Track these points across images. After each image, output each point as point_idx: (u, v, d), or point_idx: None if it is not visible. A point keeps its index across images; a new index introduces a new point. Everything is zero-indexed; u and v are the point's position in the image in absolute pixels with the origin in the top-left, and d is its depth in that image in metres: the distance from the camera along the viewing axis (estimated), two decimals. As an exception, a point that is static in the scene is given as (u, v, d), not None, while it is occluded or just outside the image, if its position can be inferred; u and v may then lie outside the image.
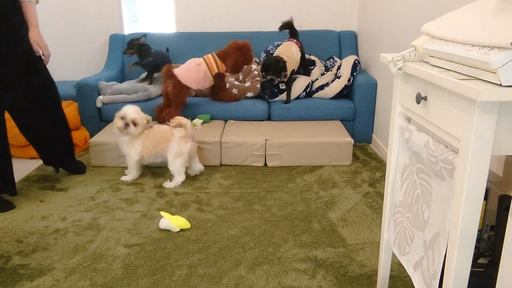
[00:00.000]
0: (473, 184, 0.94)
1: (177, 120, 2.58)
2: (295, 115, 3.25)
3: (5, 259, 1.88)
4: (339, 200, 2.40)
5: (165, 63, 3.36)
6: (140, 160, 2.66)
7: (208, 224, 2.16)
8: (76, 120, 3.28)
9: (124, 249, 1.95)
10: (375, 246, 1.95)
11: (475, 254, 1.36)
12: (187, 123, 2.59)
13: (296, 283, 1.70)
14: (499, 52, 0.86)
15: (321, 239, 2.01)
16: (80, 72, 4.11)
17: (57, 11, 3.93)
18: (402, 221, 1.33)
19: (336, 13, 3.89)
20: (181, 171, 2.59)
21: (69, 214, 2.28)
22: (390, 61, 1.21)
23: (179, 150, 2.55)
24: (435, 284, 1.11)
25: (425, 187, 1.18)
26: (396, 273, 1.75)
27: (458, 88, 0.92)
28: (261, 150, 2.86)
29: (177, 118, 2.60)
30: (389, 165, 1.41)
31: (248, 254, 1.90)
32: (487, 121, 0.90)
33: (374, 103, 3.24)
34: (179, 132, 2.58)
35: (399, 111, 1.33)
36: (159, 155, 2.64)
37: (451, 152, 1.03)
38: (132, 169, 2.67)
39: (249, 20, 3.92)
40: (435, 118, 1.08)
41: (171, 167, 2.59)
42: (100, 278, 1.75)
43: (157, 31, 3.88)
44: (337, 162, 2.89)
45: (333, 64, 3.52)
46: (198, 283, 1.71)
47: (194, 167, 2.71)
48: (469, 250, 1.00)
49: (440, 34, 1.11)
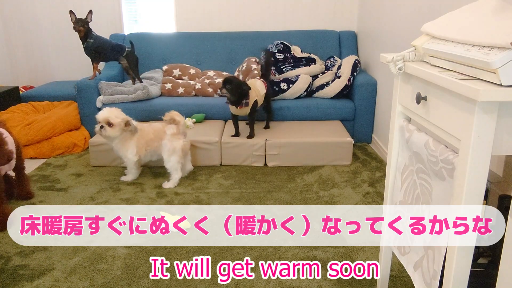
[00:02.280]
0: (473, 184, 0.94)
1: (171, 114, 2.57)
2: (295, 115, 3.25)
3: (5, 259, 1.88)
4: (339, 200, 2.39)
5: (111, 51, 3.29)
6: (138, 160, 2.64)
7: (208, 224, 2.16)
8: (76, 120, 3.29)
9: (124, 249, 1.95)
10: (375, 246, 1.95)
11: (475, 254, 1.36)
12: (180, 120, 2.58)
13: (296, 283, 1.70)
14: (499, 52, 0.86)
15: (321, 239, 2.01)
16: (80, 72, 4.11)
17: (57, 11, 3.93)
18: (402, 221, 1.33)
19: (336, 13, 3.89)
20: (177, 168, 2.59)
21: (69, 214, 2.27)
22: (390, 61, 1.20)
23: (172, 147, 2.55)
24: (435, 284, 1.11)
25: (425, 187, 1.18)
26: (396, 273, 1.75)
27: (458, 88, 0.91)
28: (261, 150, 2.86)
29: (172, 112, 2.58)
30: (389, 165, 1.40)
31: (248, 254, 1.90)
32: (487, 121, 0.90)
33: (374, 103, 3.24)
34: (170, 129, 2.57)
35: (399, 111, 1.33)
36: (154, 153, 2.64)
37: (451, 152, 1.03)
38: (131, 169, 2.67)
39: (249, 20, 3.92)
40: (435, 118, 1.08)
41: (167, 165, 2.59)
42: (100, 278, 1.75)
43: (157, 31, 3.87)
44: (337, 162, 2.89)
45: (333, 64, 3.52)
46: (198, 283, 1.71)
47: (185, 166, 2.70)
48: (469, 250, 0.99)
49: (440, 34, 1.10)
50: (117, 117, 2.46)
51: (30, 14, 3.94)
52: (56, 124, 3.13)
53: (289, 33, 3.77)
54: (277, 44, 3.61)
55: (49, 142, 3.10)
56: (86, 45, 3.23)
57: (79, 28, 3.14)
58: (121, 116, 2.49)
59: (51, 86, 3.76)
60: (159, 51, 3.77)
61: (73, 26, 3.16)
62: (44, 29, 3.97)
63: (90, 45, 3.23)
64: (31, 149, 3.05)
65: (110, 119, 2.45)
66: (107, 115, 2.45)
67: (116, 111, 2.49)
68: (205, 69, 3.76)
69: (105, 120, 2.45)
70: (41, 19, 3.95)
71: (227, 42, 3.78)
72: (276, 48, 3.59)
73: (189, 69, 3.64)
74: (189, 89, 3.45)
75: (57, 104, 3.45)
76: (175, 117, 2.57)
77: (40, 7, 3.89)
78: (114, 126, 2.46)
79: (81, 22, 3.15)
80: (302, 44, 3.74)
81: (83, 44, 3.23)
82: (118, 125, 2.47)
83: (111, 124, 2.45)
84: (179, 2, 3.87)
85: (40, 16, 3.94)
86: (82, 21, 3.16)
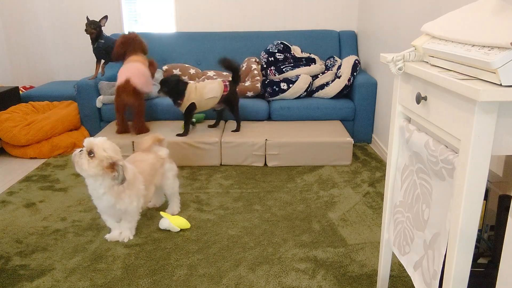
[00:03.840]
0: (473, 184, 0.94)
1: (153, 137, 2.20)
2: (295, 115, 3.25)
3: (4, 259, 1.88)
4: (339, 200, 2.40)
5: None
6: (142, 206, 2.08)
7: (208, 224, 2.16)
8: (76, 120, 3.29)
9: (124, 249, 1.94)
10: (375, 246, 1.95)
11: (475, 254, 1.36)
12: (163, 137, 2.27)
13: (296, 283, 1.70)
14: (499, 52, 0.86)
15: (321, 239, 2.01)
16: (80, 72, 4.11)
17: (57, 11, 3.93)
18: (402, 221, 1.33)
19: (336, 13, 3.89)
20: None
21: (68, 214, 2.27)
22: (390, 61, 1.20)
23: (175, 167, 2.26)
24: (435, 284, 1.11)
25: (425, 187, 1.18)
26: (396, 273, 1.75)
27: (458, 88, 0.91)
28: (261, 150, 2.86)
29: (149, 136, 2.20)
30: (389, 165, 1.40)
31: (248, 254, 1.90)
32: (487, 121, 0.90)
33: (374, 103, 3.24)
34: (162, 150, 2.21)
35: (399, 111, 1.33)
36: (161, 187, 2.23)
37: (451, 152, 1.03)
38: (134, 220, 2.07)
39: (249, 20, 3.92)
40: (435, 118, 1.08)
41: (173, 190, 2.24)
42: (100, 278, 1.75)
43: (157, 31, 3.88)
44: (337, 162, 2.89)
45: (333, 64, 3.52)
46: (198, 283, 1.71)
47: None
48: (469, 250, 0.99)
49: (440, 34, 1.10)
50: (105, 150, 1.81)
51: (30, 14, 3.94)
52: (56, 124, 3.13)
53: (289, 33, 3.77)
54: (277, 44, 3.61)
55: (49, 142, 3.10)
56: (97, 45, 3.27)
57: (91, 31, 3.19)
58: (111, 153, 1.82)
59: (51, 86, 3.76)
60: (159, 51, 3.77)
61: (85, 28, 3.19)
62: (44, 29, 3.97)
63: (101, 45, 3.27)
64: (31, 149, 3.05)
65: (94, 148, 1.80)
66: (94, 143, 1.81)
67: (110, 145, 1.85)
68: (205, 69, 3.76)
69: (89, 146, 1.81)
70: (41, 19, 3.95)
71: (227, 42, 3.78)
72: (276, 48, 3.59)
73: (189, 69, 3.64)
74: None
75: (57, 104, 3.45)
76: (158, 136, 2.22)
77: (40, 7, 3.89)
78: (93, 158, 1.80)
79: (93, 25, 3.20)
80: (302, 44, 3.74)
81: (94, 44, 3.27)
82: (99, 160, 1.80)
83: (92, 154, 1.80)
84: (179, 2, 3.87)
85: (40, 16, 3.94)
86: (94, 24, 3.21)
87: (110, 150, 1.84)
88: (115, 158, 1.83)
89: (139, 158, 2.10)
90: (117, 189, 1.88)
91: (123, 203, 1.91)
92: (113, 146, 1.87)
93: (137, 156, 2.11)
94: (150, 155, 2.13)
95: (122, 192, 1.90)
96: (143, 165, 2.06)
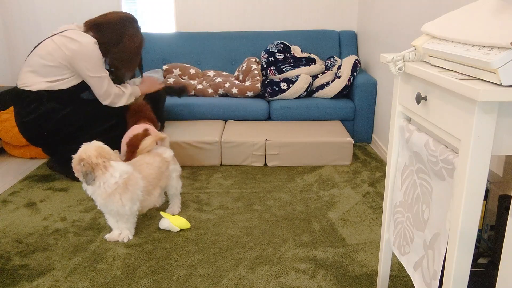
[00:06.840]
0: (473, 184, 0.94)
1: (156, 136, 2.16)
2: (295, 115, 3.25)
3: (4, 259, 1.88)
4: (339, 200, 2.40)
5: None
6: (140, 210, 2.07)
7: (208, 224, 2.16)
8: (76, 120, 3.28)
9: (124, 249, 1.95)
10: (375, 246, 1.95)
11: (475, 254, 1.36)
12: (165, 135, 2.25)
13: (296, 283, 1.70)
14: (499, 52, 0.86)
15: (321, 239, 2.01)
16: (80, 72, 4.11)
17: (57, 11, 3.93)
18: (402, 221, 1.33)
19: (336, 13, 3.89)
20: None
21: (69, 214, 2.28)
22: (390, 61, 1.21)
23: (179, 167, 2.25)
24: (435, 284, 1.11)
25: (425, 187, 1.18)
26: (396, 273, 1.75)
27: (458, 88, 0.91)
28: (261, 150, 2.86)
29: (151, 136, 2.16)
30: (389, 165, 1.40)
31: (248, 254, 1.90)
32: (487, 121, 0.90)
33: (374, 103, 3.24)
34: (167, 151, 2.18)
35: (399, 111, 1.33)
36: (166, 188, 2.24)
37: (451, 152, 1.03)
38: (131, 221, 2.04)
39: (249, 20, 3.92)
40: (435, 118, 1.08)
41: (176, 190, 2.24)
42: (100, 278, 1.75)
43: (157, 31, 3.87)
44: (337, 162, 2.89)
45: (333, 64, 3.52)
46: (198, 283, 1.71)
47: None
48: (469, 250, 0.99)
49: (440, 34, 1.10)
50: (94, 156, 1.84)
51: (30, 14, 3.94)
52: (56, 124, 3.13)
53: (289, 33, 3.77)
54: (277, 44, 3.61)
55: (49, 142, 3.10)
56: None
57: None
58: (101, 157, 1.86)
59: (51, 86, 3.75)
60: (159, 51, 3.77)
61: None
62: (44, 29, 3.97)
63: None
64: (31, 149, 3.05)
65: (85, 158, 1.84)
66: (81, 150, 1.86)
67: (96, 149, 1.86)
68: (205, 69, 3.76)
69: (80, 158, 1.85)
70: (41, 19, 3.95)
71: (227, 42, 3.78)
72: (276, 48, 3.59)
73: (189, 69, 3.64)
74: (189, 88, 3.45)
75: (57, 104, 3.45)
76: (160, 135, 2.19)
77: (40, 7, 3.89)
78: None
79: None
80: (302, 44, 3.74)
81: None
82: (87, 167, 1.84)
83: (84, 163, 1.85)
84: (179, 2, 3.87)
85: (40, 16, 3.94)
86: None
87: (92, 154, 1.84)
88: (89, 160, 1.82)
89: (144, 161, 2.06)
90: (104, 189, 1.87)
91: (113, 204, 1.90)
92: (99, 150, 1.87)
93: (142, 159, 2.07)
94: (156, 158, 2.09)
95: (112, 195, 1.88)
96: (149, 168, 2.04)
